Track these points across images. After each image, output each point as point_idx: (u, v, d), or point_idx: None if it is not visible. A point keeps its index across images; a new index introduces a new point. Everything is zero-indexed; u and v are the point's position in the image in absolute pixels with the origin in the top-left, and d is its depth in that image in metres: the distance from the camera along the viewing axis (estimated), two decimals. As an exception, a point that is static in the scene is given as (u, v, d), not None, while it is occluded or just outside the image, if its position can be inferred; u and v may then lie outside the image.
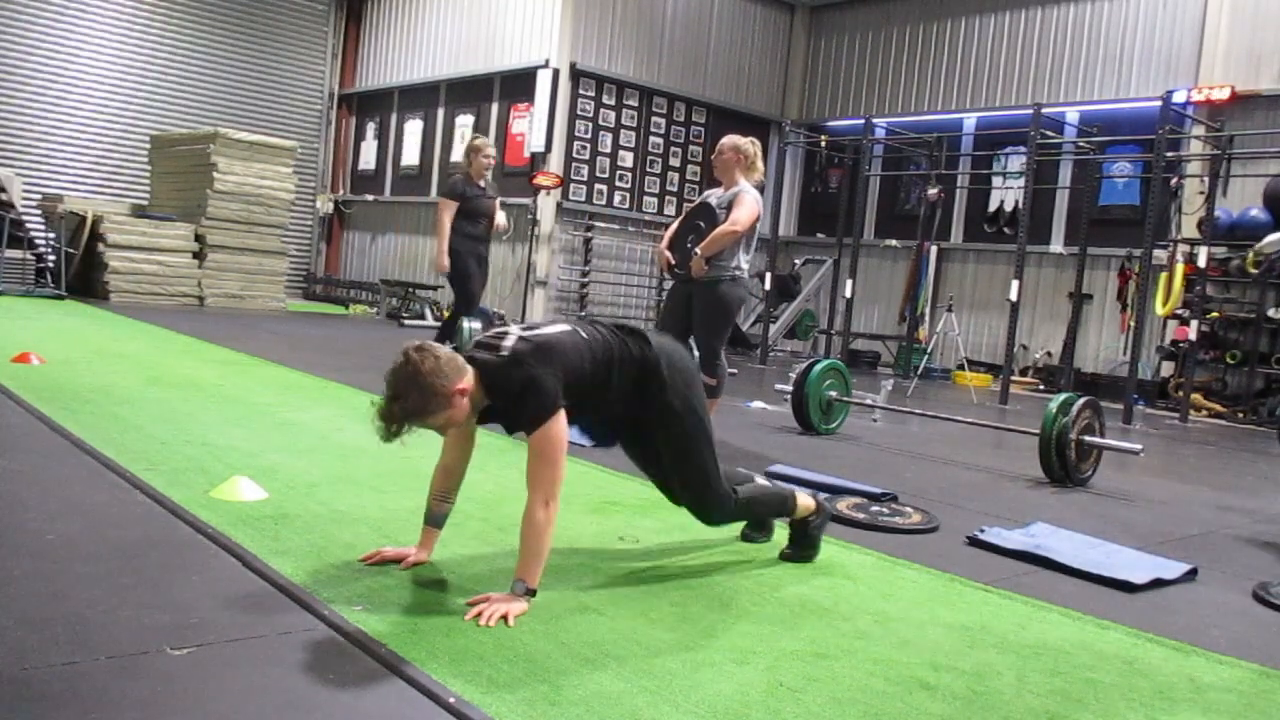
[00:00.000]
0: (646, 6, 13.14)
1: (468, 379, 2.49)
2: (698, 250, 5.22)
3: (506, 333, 2.62)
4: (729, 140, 5.47)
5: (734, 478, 3.07)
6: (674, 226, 5.63)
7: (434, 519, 2.79)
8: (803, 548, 3.20)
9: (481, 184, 7.07)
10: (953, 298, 11.19)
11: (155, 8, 14.47)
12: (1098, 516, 4.38)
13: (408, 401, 2.42)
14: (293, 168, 12.77)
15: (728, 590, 2.82)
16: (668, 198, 13.43)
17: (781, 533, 3.31)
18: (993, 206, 12.44)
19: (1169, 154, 9.52)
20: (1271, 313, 9.50)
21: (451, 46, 14.37)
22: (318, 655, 2.13)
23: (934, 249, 12.26)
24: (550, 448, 2.50)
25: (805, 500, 3.19)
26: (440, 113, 14.53)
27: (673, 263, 5.47)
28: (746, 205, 5.26)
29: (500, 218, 7.21)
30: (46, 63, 13.67)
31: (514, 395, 2.52)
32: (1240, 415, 9.48)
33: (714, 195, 5.49)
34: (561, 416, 2.52)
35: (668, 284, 8.14)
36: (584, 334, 2.70)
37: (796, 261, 13.93)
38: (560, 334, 2.64)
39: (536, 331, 2.62)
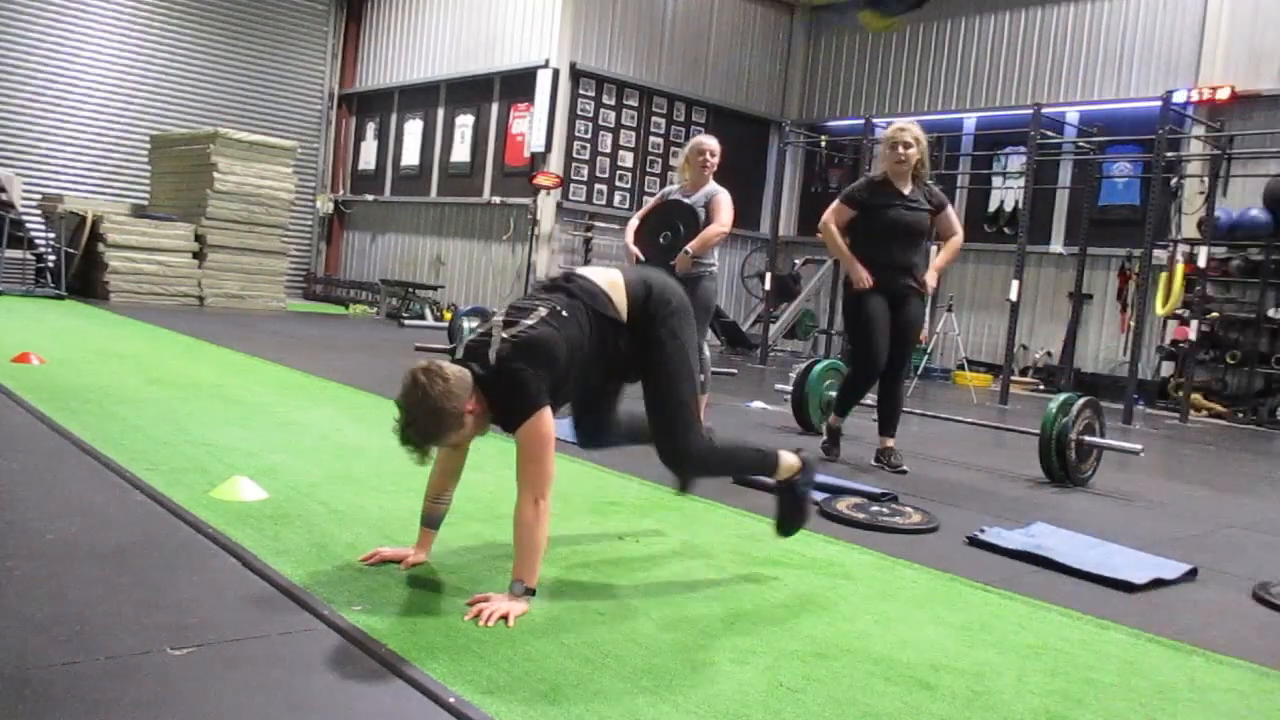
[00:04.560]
0: (646, 6, 13.14)
1: (476, 396, 2.50)
2: (688, 249, 5.33)
3: (490, 335, 2.60)
4: (713, 144, 5.61)
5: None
6: (635, 223, 5.74)
7: (430, 520, 2.79)
8: (792, 511, 2.99)
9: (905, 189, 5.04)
10: (953, 298, 11.18)
11: (155, 8, 14.47)
12: (1098, 516, 4.38)
13: (421, 426, 2.45)
14: (293, 168, 12.77)
15: (728, 590, 2.82)
16: (668, 198, 13.41)
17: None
18: (993, 206, 12.43)
19: (1169, 154, 9.52)
20: (1271, 313, 9.51)
21: (451, 46, 14.37)
22: (317, 655, 2.13)
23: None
24: (536, 445, 2.50)
25: (789, 459, 2.98)
26: (440, 113, 14.53)
27: (641, 258, 5.55)
28: (728, 207, 5.50)
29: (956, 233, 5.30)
30: (47, 62, 13.67)
31: (502, 396, 2.53)
32: (1240, 415, 9.48)
33: (678, 193, 5.62)
34: (547, 414, 2.52)
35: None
36: (566, 313, 2.64)
37: (796, 261, 13.93)
38: (544, 325, 2.58)
39: (520, 328, 2.57)
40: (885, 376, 5.11)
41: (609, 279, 2.79)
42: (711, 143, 5.58)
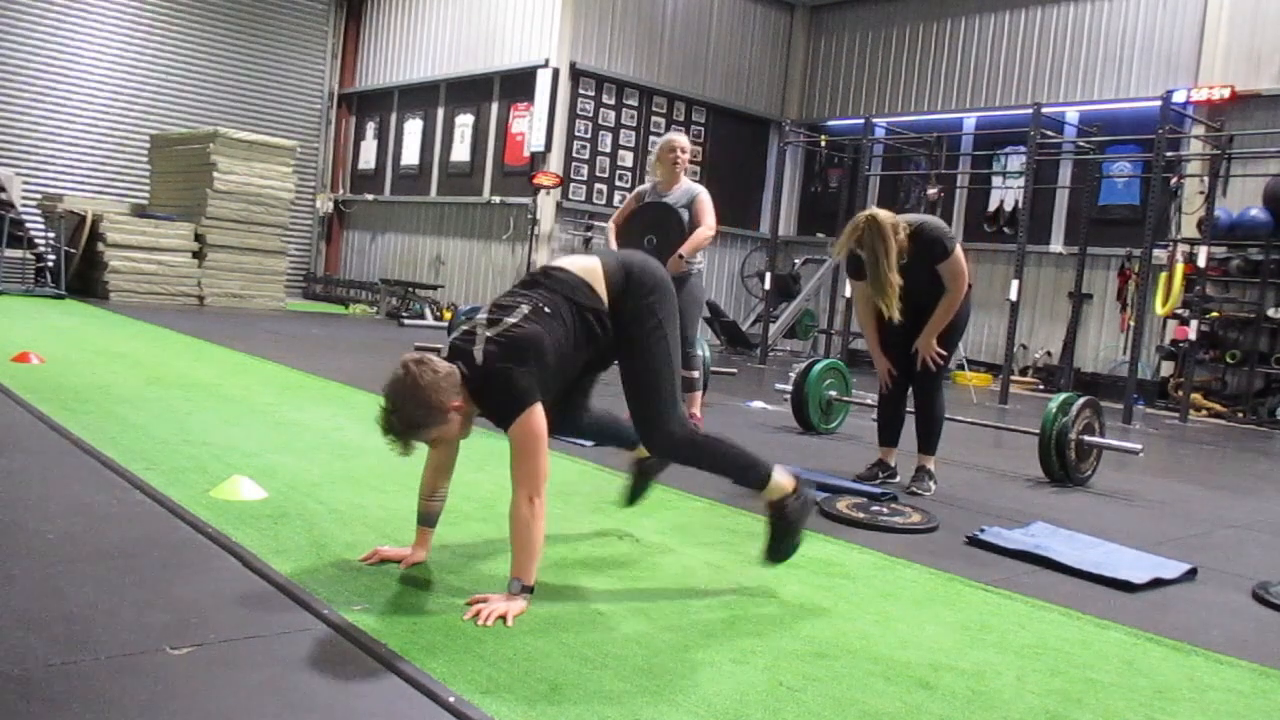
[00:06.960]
0: (646, 6, 13.14)
1: (463, 396, 2.51)
2: (681, 253, 5.42)
3: (474, 335, 2.60)
4: (683, 141, 5.66)
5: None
6: (613, 227, 5.79)
7: (427, 518, 2.79)
8: (781, 537, 2.80)
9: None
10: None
11: (156, 9, 14.47)
12: (1098, 516, 4.38)
13: (404, 414, 2.45)
14: (293, 167, 12.77)
15: (728, 590, 2.82)
16: (668, 197, 13.40)
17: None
18: (992, 206, 12.44)
19: (1169, 154, 9.52)
20: (1271, 312, 9.50)
21: (451, 46, 14.37)
22: (317, 655, 2.13)
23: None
24: (529, 442, 2.50)
25: (782, 478, 2.80)
26: (440, 112, 14.53)
27: None
28: (711, 209, 5.55)
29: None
30: (50, 65, 13.66)
31: (492, 396, 2.53)
32: (1240, 415, 9.48)
33: (652, 193, 5.66)
34: (538, 410, 2.52)
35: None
36: (548, 309, 2.64)
37: (796, 261, 13.93)
38: (528, 323, 2.58)
39: (504, 326, 2.57)
40: (914, 392, 4.69)
41: (586, 267, 2.79)
42: (681, 140, 5.65)
